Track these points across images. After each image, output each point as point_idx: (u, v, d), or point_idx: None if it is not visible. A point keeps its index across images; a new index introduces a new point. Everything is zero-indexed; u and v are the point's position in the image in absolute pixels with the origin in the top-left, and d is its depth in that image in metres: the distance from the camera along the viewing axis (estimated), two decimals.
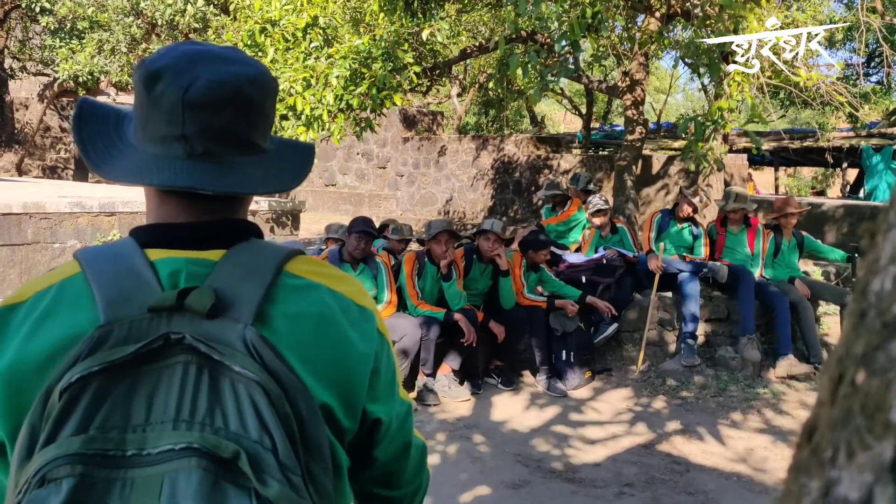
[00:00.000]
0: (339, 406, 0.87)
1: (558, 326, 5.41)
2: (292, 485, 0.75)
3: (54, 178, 17.10)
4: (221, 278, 0.84)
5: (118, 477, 0.72)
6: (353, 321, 0.91)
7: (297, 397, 0.79)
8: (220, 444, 0.73)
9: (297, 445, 0.77)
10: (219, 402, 0.76)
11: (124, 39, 13.62)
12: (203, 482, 0.72)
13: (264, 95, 0.91)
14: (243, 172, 0.90)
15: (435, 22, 6.58)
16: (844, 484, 0.32)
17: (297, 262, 0.91)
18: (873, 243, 0.37)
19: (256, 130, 0.91)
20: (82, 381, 0.75)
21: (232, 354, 0.77)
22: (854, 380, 0.34)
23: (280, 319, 0.84)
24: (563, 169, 12.27)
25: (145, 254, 0.87)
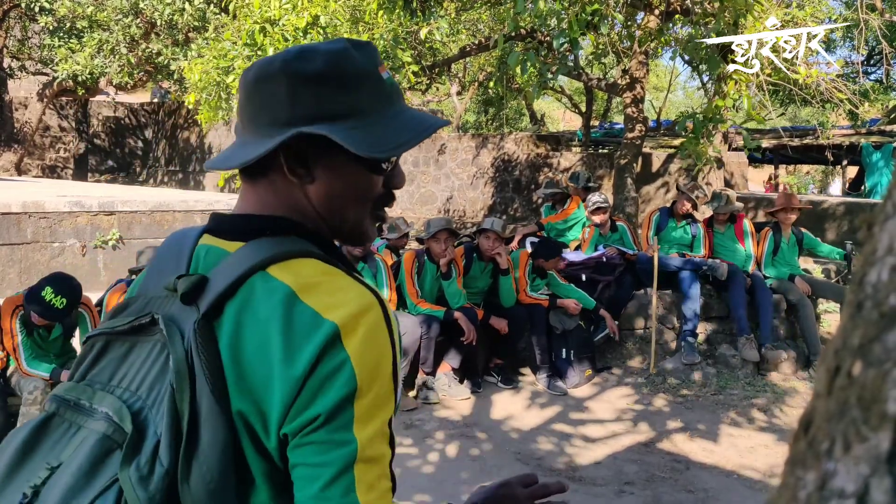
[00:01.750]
0: (253, 416, 0.82)
1: (558, 325, 5.41)
2: (150, 474, 0.78)
3: (53, 177, 17.10)
4: (219, 269, 0.88)
5: (76, 422, 0.85)
6: (297, 340, 0.81)
7: (202, 398, 0.80)
8: (125, 418, 0.81)
9: (180, 442, 0.79)
10: (160, 382, 0.83)
11: (123, 39, 13.62)
12: (97, 446, 0.81)
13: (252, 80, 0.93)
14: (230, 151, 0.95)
15: (434, 20, 6.58)
16: (840, 476, 0.32)
17: (285, 265, 0.86)
18: (870, 234, 0.37)
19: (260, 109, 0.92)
20: (91, 340, 0.90)
21: (174, 339, 0.82)
22: (850, 371, 0.33)
23: (229, 317, 0.84)
24: (563, 167, 12.27)
25: (198, 239, 0.95)
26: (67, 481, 0.79)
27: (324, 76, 0.90)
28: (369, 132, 0.90)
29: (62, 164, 18.05)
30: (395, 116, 0.94)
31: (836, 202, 9.50)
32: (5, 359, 3.92)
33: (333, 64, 0.90)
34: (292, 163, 0.91)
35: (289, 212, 0.93)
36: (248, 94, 0.93)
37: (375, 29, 6.69)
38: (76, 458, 0.81)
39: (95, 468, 0.79)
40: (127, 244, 7.68)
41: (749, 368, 5.51)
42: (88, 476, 0.79)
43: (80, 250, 7.40)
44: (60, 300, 3.69)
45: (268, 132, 0.89)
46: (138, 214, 7.85)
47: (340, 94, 0.90)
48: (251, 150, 0.90)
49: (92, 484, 0.79)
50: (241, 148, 0.93)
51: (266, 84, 0.90)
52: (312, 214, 0.94)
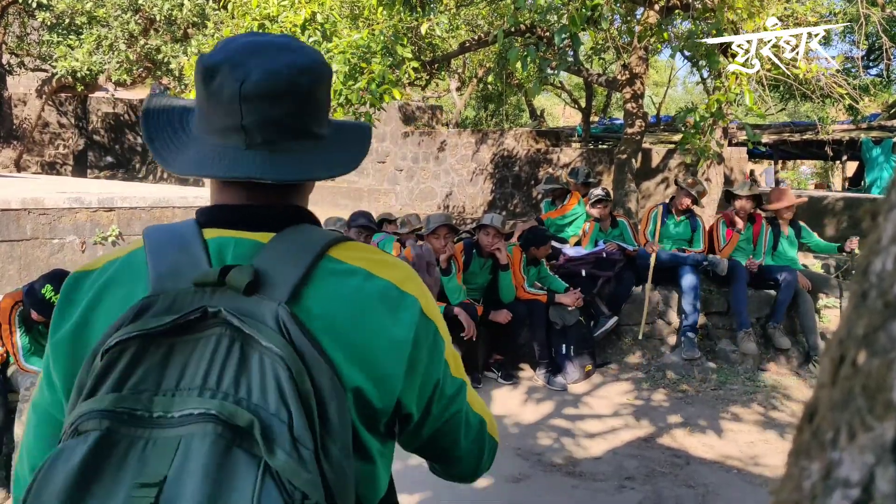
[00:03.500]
0: (371, 389, 0.88)
1: (558, 320, 5.41)
2: (301, 458, 0.77)
3: (53, 173, 17.08)
4: (266, 259, 0.89)
5: (141, 436, 0.78)
6: (391, 307, 0.91)
7: (321, 376, 0.82)
8: (236, 412, 0.77)
9: (314, 422, 0.79)
10: (245, 374, 0.80)
11: (122, 35, 13.59)
12: (215, 446, 0.76)
13: (317, 83, 0.94)
14: (300, 160, 0.94)
15: (434, 16, 6.56)
16: (845, 465, 0.31)
17: (341, 248, 0.94)
18: (875, 224, 0.37)
19: (311, 118, 0.94)
20: (121, 345, 0.81)
21: (261, 329, 0.80)
22: (855, 361, 0.33)
23: (314, 301, 0.87)
24: (562, 163, 12.26)
25: (202, 233, 0.93)
26: (199, 490, 0.74)
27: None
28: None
29: (61, 161, 18.03)
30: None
31: (836, 198, 9.49)
32: (4, 355, 3.92)
33: None
34: None
35: (300, 202, 1.00)
36: (312, 97, 0.94)
37: (375, 25, 6.68)
38: (191, 466, 0.75)
39: (224, 470, 0.75)
40: (127, 241, 7.68)
41: (749, 364, 5.51)
42: (221, 479, 0.74)
43: (80, 247, 7.39)
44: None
45: (320, 133, 0.97)
46: (138, 211, 7.84)
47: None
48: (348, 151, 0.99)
49: (233, 484, 0.75)
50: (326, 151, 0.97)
51: (328, 86, 0.97)
52: (307, 200, 1.03)
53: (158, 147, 0.96)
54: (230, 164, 0.91)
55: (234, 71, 0.90)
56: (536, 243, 5.51)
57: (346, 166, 0.98)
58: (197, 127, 0.96)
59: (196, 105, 0.97)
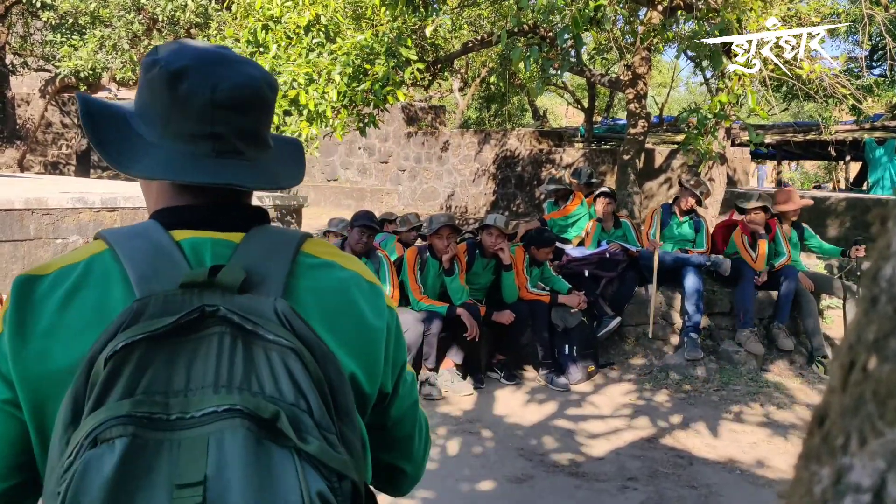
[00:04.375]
0: (363, 375, 0.94)
1: (560, 322, 5.41)
2: (329, 442, 0.80)
3: (56, 173, 17.11)
4: (245, 258, 0.90)
5: (166, 438, 0.76)
6: (366, 297, 0.97)
7: (328, 363, 0.84)
8: (260, 404, 0.77)
9: (330, 408, 0.82)
10: (253, 369, 0.80)
11: (126, 35, 13.61)
12: (248, 440, 0.76)
13: (274, 94, 0.99)
14: (264, 169, 0.98)
15: (437, 17, 6.56)
16: (856, 471, 0.32)
17: (311, 244, 0.98)
18: (884, 229, 0.37)
19: (267, 129, 1.00)
20: (126, 350, 0.79)
21: (265, 324, 0.82)
22: (866, 366, 0.33)
23: (305, 293, 0.91)
24: (565, 163, 12.25)
25: (170, 234, 0.92)
26: (247, 482, 0.74)
27: None
28: None
29: (64, 161, 18.07)
30: None
31: (839, 198, 9.48)
32: None
33: None
34: None
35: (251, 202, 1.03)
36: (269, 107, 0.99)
37: (379, 26, 6.68)
38: (229, 461, 0.75)
39: (263, 460, 0.76)
40: None
41: (752, 364, 5.51)
42: (264, 469, 0.75)
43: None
44: None
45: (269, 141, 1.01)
46: (141, 211, 7.85)
47: None
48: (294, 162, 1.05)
49: (275, 475, 0.75)
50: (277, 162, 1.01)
51: (276, 97, 1.01)
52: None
53: (111, 150, 0.93)
54: (203, 170, 0.91)
55: (204, 79, 0.90)
56: (537, 244, 5.51)
57: (296, 178, 1.03)
58: (150, 131, 0.94)
59: (146, 108, 0.95)
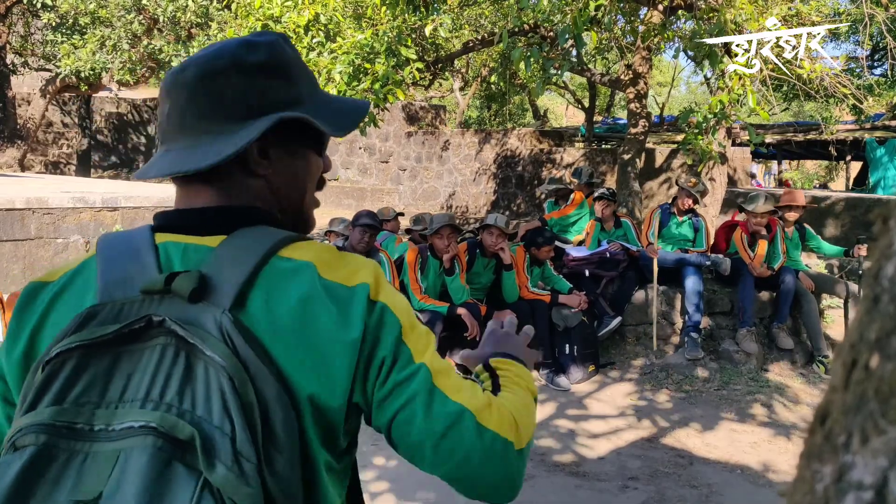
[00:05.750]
0: (325, 395, 0.84)
1: (560, 322, 5.41)
2: (242, 472, 0.74)
3: (57, 173, 17.12)
4: (213, 263, 0.85)
5: (81, 449, 0.74)
6: (340, 305, 0.85)
7: (265, 386, 0.78)
8: (177, 425, 0.74)
9: (257, 434, 0.76)
10: (190, 385, 0.77)
11: (126, 35, 13.62)
12: (153, 460, 0.73)
13: (202, 76, 0.90)
14: (173, 157, 0.91)
15: (437, 16, 6.56)
16: (858, 469, 0.32)
17: (292, 247, 0.89)
18: (886, 228, 0.37)
19: (197, 113, 0.90)
20: (62, 357, 0.78)
21: (205, 338, 0.78)
22: (868, 364, 0.33)
23: (260, 305, 0.83)
24: (566, 163, 12.26)
25: (153, 238, 0.90)
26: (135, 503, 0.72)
27: (271, 66, 0.92)
28: (322, 114, 0.94)
29: (65, 160, 18.07)
30: (326, 101, 0.99)
31: (838, 198, 9.47)
32: None
33: (276, 54, 0.93)
34: (258, 155, 0.92)
35: (254, 202, 0.94)
36: (194, 92, 0.90)
37: (379, 25, 6.68)
38: (128, 480, 0.72)
39: (162, 484, 0.73)
40: None
41: (752, 364, 5.51)
42: (160, 492, 0.72)
43: (84, 246, 7.41)
44: None
45: (227, 127, 0.89)
46: (142, 210, 7.86)
47: (286, 82, 0.93)
48: (220, 148, 0.88)
49: (170, 498, 0.72)
50: (195, 149, 0.89)
51: (217, 78, 0.90)
52: (271, 204, 0.95)
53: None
54: (149, 165, 0.92)
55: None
56: (536, 245, 5.51)
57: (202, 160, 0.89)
58: None
59: None
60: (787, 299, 5.64)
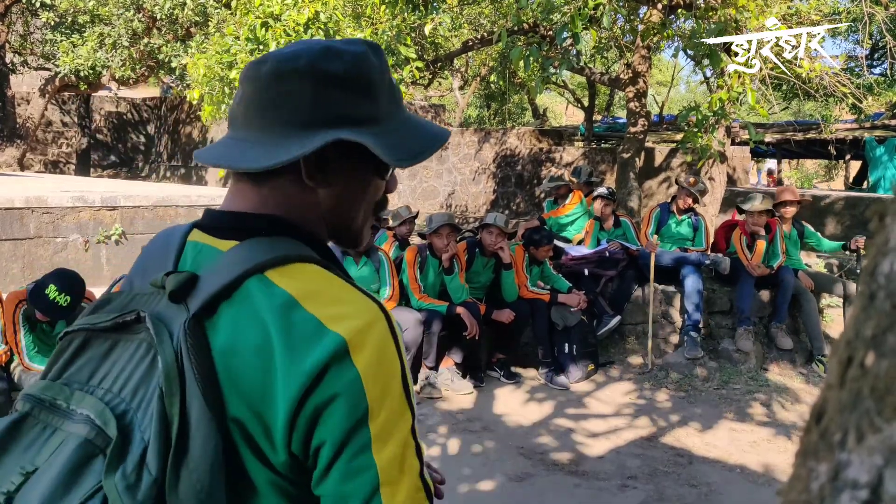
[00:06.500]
0: (251, 424, 0.78)
1: (559, 321, 5.41)
2: (137, 484, 0.73)
3: (56, 172, 17.12)
4: (211, 268, 0.84)
5: (51, 424, 0.80)
6: (300, 344, 0.77)
7: (192, 401, 0.75)
8: (109, 422, 0.76)
9: (169, 449, 0.74)
10: (145, 385, 0.78)
11: (125, 33, 13.61)
12: (78, 449, 0.76)
13: (277, 75, 0.86)
14: (227, 148, 0.89)
15: (437, 15, 6.55)
16: (854, 467, 0.31)
17: (283, 270, 0.82)
18: (882, 225, 0.37)
19: (265, 109, 0.87)
20: (69, 336, 0.85)
21: (163, 342, 0.77)
22: (863, 362, 0.33)
23: (224, 319, 0.80)
24: (565, 162, 12.25)
25: (186, 236, 0.91)
26: (45, 488, 0.73)
27: (349, 79, 0.87)
28: (391, 139, 0.88)
29: (65, 160, 18.07)
30: (405, 122, 0.93)
31: (838, 196, 9.48)
32: (9, 353, 3.92)
33: (358, 67, 0.88)
34: (313, 168, 0.88)
35: (287, 212, 0.90)
36: (262, 88, 0.87)
37: (378, 24, 6.67)
38: (54, 463, 0.75)
39: (76, 475, 0.74)
40: (130, 239, 7.69)
41: (752, 363, 5.51)
42: (68, 483, 0.74)
43: (83, 245, 7.41)
44: (64, 298, 3.69)
45: (285, 132, 0.86)
46: (141, 209, 7.85)
47: (363, 98, 0.88)
48: (274, 152, 0.85)
49: (73, 491, 0.73)
50: (254, 146, 0.87)
51: (288, 81, 0.86)
52: (315, 217, 0.92)
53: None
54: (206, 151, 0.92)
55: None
56: (535, 244, 5.51)
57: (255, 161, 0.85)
58: None
59: None
60: (787, 299, 5.64)
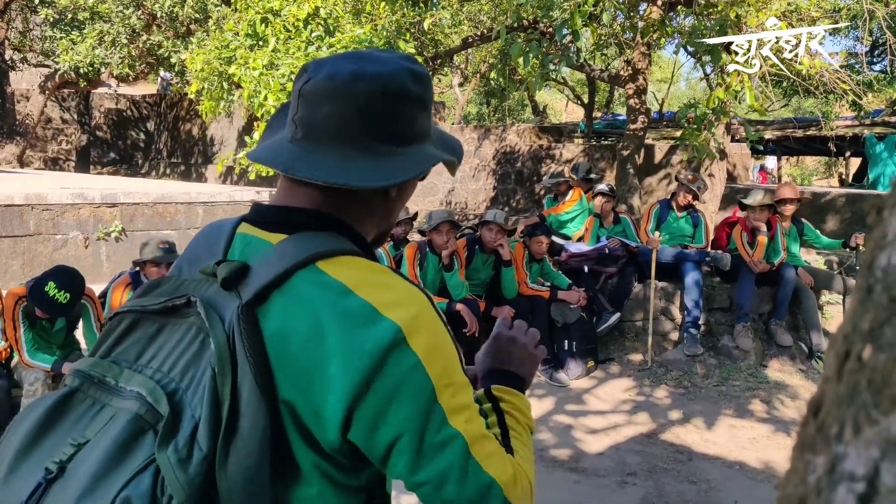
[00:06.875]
0: (301, 407, 0.82)
1: (559, 318, 5.41)
2: (188, 458, 0.77)
3: (56, 169, 17.11)
4: (261, 259, 0.88)
5: (100, 399, 0.85)
6: (356, 328, 0.82)
7: (244, 384, 0.80)
8: (160, 399, 0.80)
9: (220, 427, 0.78)
10: (195, 365, 0.83)
11: (125, 31, 13.59)
12: (129, 425, 0.80)
13: (375, 94, 0.90)
14: (326, 163, 0.90)
15: (436, 11, 6.55)
16: (850, 459, 0.31)
17: (333, 261, 0.87)
18: (880, 218, 0.37)
19: (359, 128, 0.90)
20: (119, 317, 0.90)
21: (214, 326, 0.82)
22: (861, 355, 0.33)
23: (276, 306, 0.84)
24: (565, 158, 12.24)
25: (235, 228, 0.97)
26: (98, 459, 0.78)
27: (425, 99, 0.96)
28: (440, 150, 0.99)
29: (64, 157, 18.05)
30: (438, 134, 1.02)
31: (837, 193, 9.47)
32: (8, 349, 3.92)
33: (428, 88, 0.96)
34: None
35: (344, 213, 0.95)
36: (362, 106, 0.90)
37: (378, 20, 6.66)
38: (106, 436, 0.80)
39: (127, 448, 0.79)
40: (129, 236, 7.69)
41: (751, 360, 5.51)
42: (120, 456, 0.78)
43: (83, 242, 7.41)
44: (64, 295, 3.68)
45: (381, 148, 0.91)
46: (141, 206, 7.85)
47: (425, 115, 0.97)
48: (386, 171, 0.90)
49: (125, 464, 0.78)
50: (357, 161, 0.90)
51: (392, 101, 0.91)
52: (371, 220, 0.99)
53: (261, 140, 1.02)
54: (270, 153, 0.95)
55: (312, 71, 0.92)
56: (529, 235, 5.53)
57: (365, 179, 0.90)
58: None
59: None
60: (788, 296, 5.64)
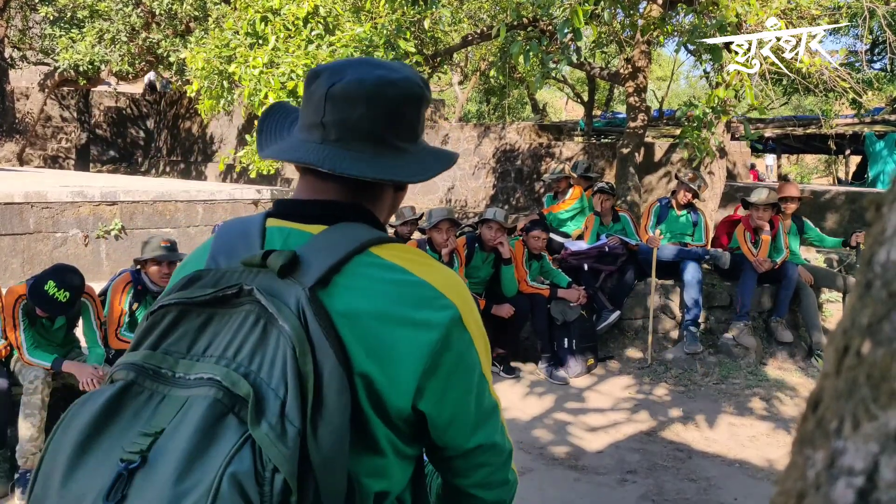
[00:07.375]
0: (381, 380, 0.91)
1: (559, 316, 5.42)
2: (284, 433, 0.81)
3: (55, 167, 17.09)
4: (309, 248, 0.95)
5: (160, 391, 0.87)
6: (422, 306, 0.93)
7: (324, 359, 0.86)
8: (238, 382, 0.84)
9: (307, 402, 0.83)
10: (261, 350, 0.86)
11: (124, 29, 13.58)
12: (210, 409, 0.83)
13: (403, 98, 1.00)
14: (364, 161, 0.99)
15: (436, 10, 6.54)
16: (850, 454, 0.32)
17: (385, 247, 0.97)
18: (879, 214, 0.37)
19: (390, 128, 1.00)
20: (164, 309, 0.92)
21: (282, 310, 0.86)
22: (860, 350, 0.33)
23: (341, 289, 0.92)
24: (565, 157, 12.24)
25: (265, 222, 1.02)
26: (184, 445, 0.80)
27: (427, 102, 1.06)
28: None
29: (64, 155, 18.03)
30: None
31: (837, 192, 9.47)
32: (8, 348, 3.92)
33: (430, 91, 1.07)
34: None
35: (366, 203, 1.04)
36: (394, 110, 1.00)
37: (378, 18, 6.66)
38: (186, 423, 0.82)
39: (213, 431, 0.81)
40: (129, 234, 7.69)
41: (751, 358, 5.51)
42: (207, 438, 0.81)
43: (83, 240, 7.40)
44: (63, 294, 3.68)
45: (407, 146, 1.03)
46: (140, 204, 7.85)
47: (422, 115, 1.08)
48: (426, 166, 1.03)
49: (215, 445, 0.80)
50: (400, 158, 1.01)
51: (415, 105, 1.03)
52: (385, 212, 1.09)
53: (261, 137, 1.09)
54: (302, 152, 1.00)
55: (332, 76, 1.00)
56: (526, 230, 5.54)
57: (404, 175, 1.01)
58: (296, 125, 1.07)
59: (301, 109, 1.08)
60: (789, 294, 5.64)
